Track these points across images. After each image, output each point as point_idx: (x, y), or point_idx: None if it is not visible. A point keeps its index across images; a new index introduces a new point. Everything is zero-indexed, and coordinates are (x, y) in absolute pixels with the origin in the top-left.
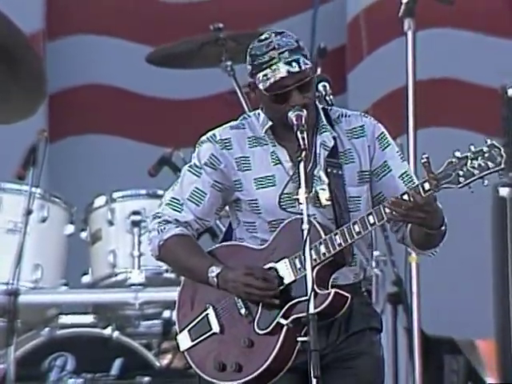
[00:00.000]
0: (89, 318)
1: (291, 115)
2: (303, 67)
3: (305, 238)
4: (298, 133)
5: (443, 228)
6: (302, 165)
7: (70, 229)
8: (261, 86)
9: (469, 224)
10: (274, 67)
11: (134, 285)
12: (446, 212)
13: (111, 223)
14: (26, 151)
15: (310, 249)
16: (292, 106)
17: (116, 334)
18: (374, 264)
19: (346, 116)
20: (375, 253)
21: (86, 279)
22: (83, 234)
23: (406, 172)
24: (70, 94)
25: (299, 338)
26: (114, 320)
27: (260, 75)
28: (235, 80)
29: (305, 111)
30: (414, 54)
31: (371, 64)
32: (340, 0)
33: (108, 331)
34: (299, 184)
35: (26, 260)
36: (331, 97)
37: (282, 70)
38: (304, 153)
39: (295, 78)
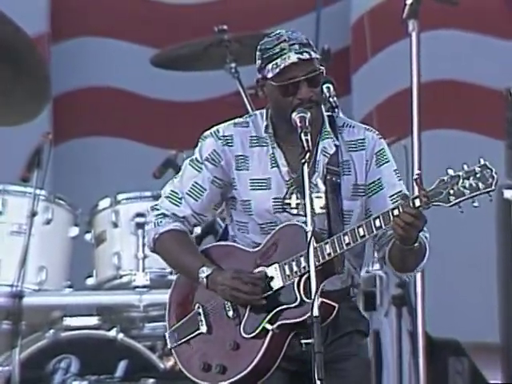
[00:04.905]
0: (93, 320)
1: (295, 117)
2: (313, 55)
3: (308, 240)
4: (302, 135)
5: (416, 245)
6: (305, 167)
7: (75, 231)
8: (270, 75)
9: (473, 226)
10: (284, 56)
11: (138, 287)
12: (450, 215)
13: (116, 225)
14: (31, 153)
15: (301, 256)
16: (300, 99)
17: (120, 336)
18: (369, 269)
19: (349, 127)
20: (379, 254)
21: (90, 281)
22: (88, 236)
23: (399, 192)
24: (74, 96)
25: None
26: (118, 322)
27: (270, 65)
28: (239, 82)
29: (308, 113)
30: (419, 56)
31: (375, 65)
32: (344, 2)
33: (112, 333)
34: (293, 189)
35: (30, 262)
36: (335, 98)
37: (292, 58)
38: (308, 154)
39: (305, 69)
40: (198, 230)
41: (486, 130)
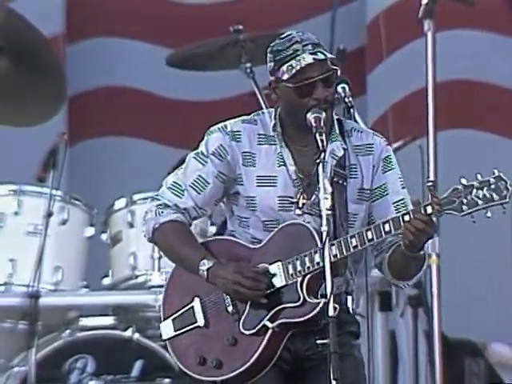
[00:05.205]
0: (109, 320)
1: (310, 117)
2: (328, 56)
3: (324, 239)
4: (317, 135)
5: (422, 253)
6: (320, 167)
7: (91, 231)
8: (285, 77)
9: (488, 227)
10: (298, 58)
11: (154, 287)
12: (465, 216)
13: (131, 225)
14: (46, 154)
15: (305, 256)
16: (316, 99)
17: (136, 335)
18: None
19: (358, 131)
20: (377, 260)
21: (106, 281)
22: (103, 236)
23: (402, 199)
24: (89, 96)
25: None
26: (134, 322)
27: (284, 67)
28: (255, 82)
29: (323, 113)
30: (434, 55)
31: (391, 65)
32: (360, 1)
33: (128, 333)
34: (300, 189)
35: (46, 262)
36: (350, 98)
37: (307, 59)
38: (323, 154)
39: (320, 69)
40: (213, 230)
41: (501, 130)
